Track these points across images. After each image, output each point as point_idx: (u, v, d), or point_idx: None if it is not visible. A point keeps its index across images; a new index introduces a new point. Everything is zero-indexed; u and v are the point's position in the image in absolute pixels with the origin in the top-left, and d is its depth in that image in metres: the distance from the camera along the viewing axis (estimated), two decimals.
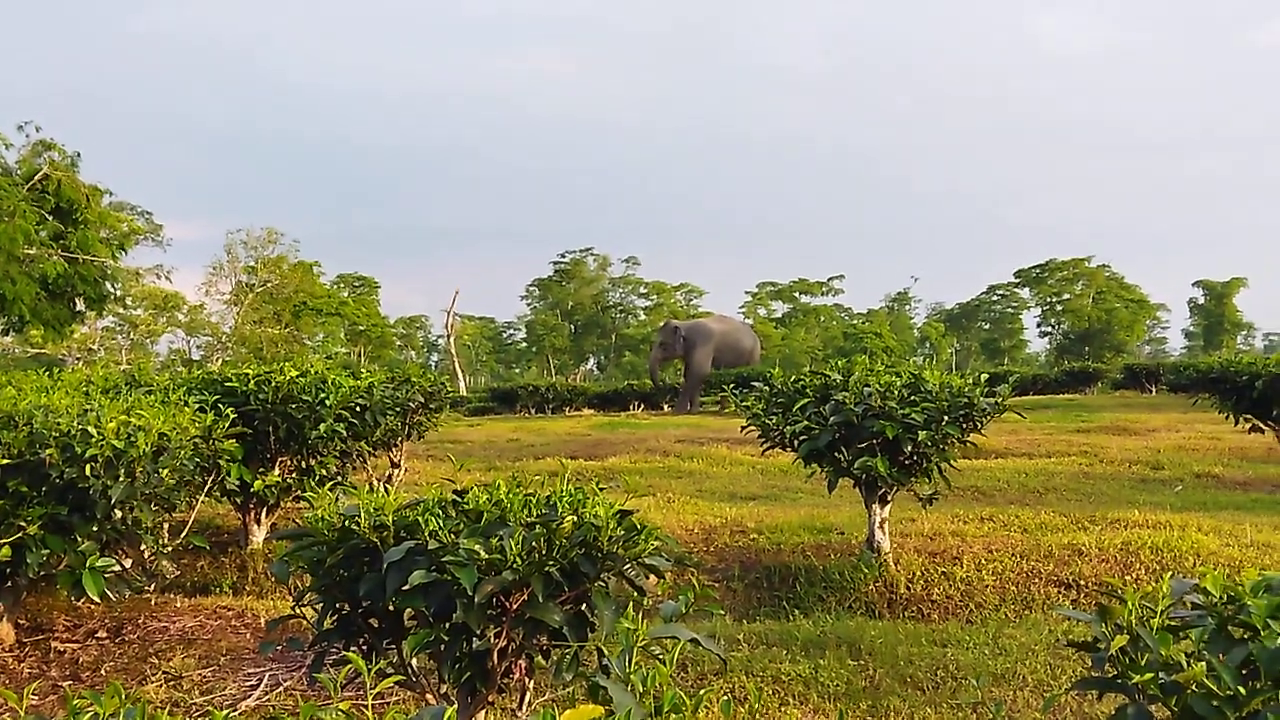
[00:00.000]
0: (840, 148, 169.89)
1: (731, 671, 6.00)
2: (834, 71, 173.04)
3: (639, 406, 45.17)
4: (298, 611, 4.16)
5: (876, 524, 8.71)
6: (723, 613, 7.28)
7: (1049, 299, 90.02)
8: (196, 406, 7.73)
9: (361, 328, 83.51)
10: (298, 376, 9.28)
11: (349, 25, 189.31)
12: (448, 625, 3.74)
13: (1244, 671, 2.56)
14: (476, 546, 3.59)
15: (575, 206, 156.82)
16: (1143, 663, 2.75)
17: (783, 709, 5.54)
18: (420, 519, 3.83)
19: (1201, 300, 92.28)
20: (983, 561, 8.67)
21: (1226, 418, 17.54)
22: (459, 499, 4.06)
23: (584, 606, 3.88)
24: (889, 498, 8.74)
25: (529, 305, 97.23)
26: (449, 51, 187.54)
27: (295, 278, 71.88)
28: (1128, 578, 8.31)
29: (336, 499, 4.08)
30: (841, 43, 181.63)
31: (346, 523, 3.91)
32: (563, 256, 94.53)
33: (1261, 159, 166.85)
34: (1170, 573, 7.99)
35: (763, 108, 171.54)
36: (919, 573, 8.48)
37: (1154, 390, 43.68)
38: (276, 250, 71.02)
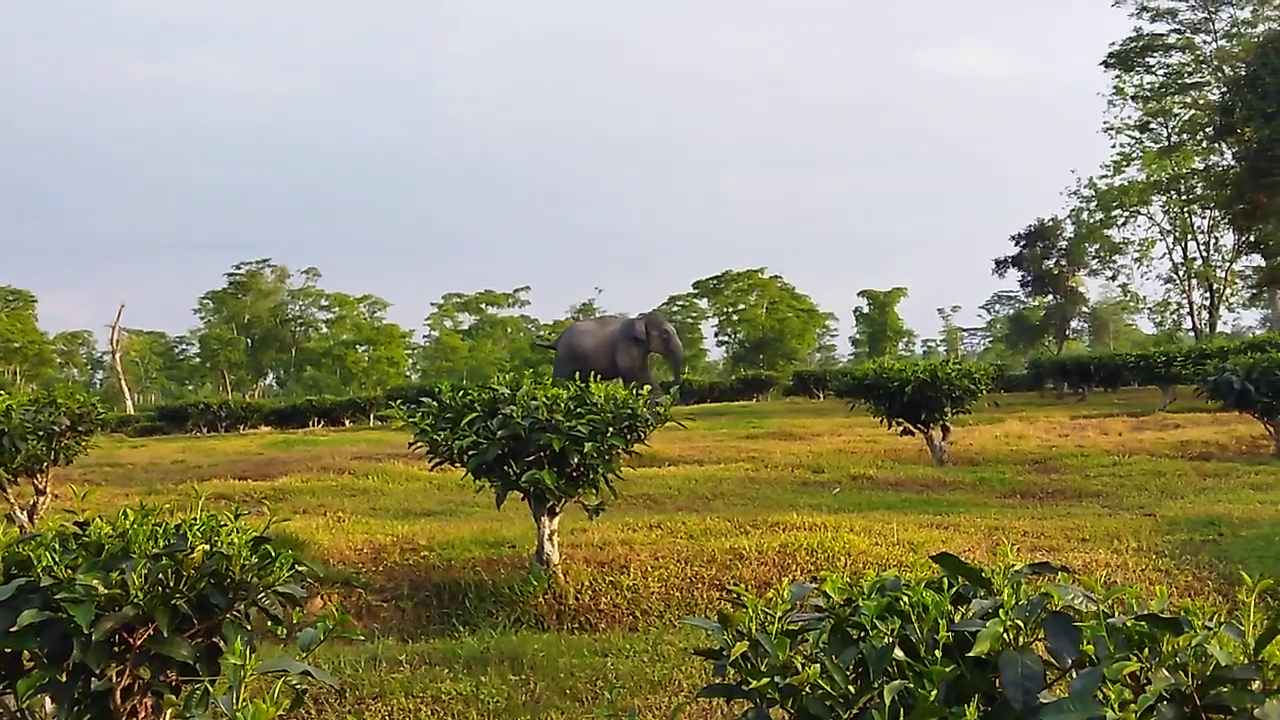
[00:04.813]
0: (525, 162, 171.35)
1: (391, 694, 5.90)
2: (515, 84, 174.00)
3: (319, 423, 44.14)
4: None
5: (545, 536, 8.77)
6: (361, 638, 7.14)
7: (726, 309, 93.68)
8: None
9: (16, 345, 78.12)
10: None
11: None
12: (68, 665, 3.52)
13: (857, 671, 2.65)
14: (95, 581, 3.41)
15: (252, 217, 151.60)
16: (762, 667, 2.80)
17: None
18: (34, 554, 3.59)
19: (866, 309, 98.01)
20: (649, 569, 8.85)
21: (882, 422, 18.63)
22: (81, 531, 3.83)
23: (219, 639, 3.74)
24: (557, 509, 8.82)
25: (202, 319, 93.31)
26: (109, 52, 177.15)
27: None
28: (784, 579, 8.65)
29: None
30: (526, 54, 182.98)
31: None
32: (238, 268, 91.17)
33: (924, 175, 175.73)
34: (799, 575, 8.43)
35: (445, 121, 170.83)
36: (588, 583, 8.58)
37: (821, 396, 46.05)
38: None
